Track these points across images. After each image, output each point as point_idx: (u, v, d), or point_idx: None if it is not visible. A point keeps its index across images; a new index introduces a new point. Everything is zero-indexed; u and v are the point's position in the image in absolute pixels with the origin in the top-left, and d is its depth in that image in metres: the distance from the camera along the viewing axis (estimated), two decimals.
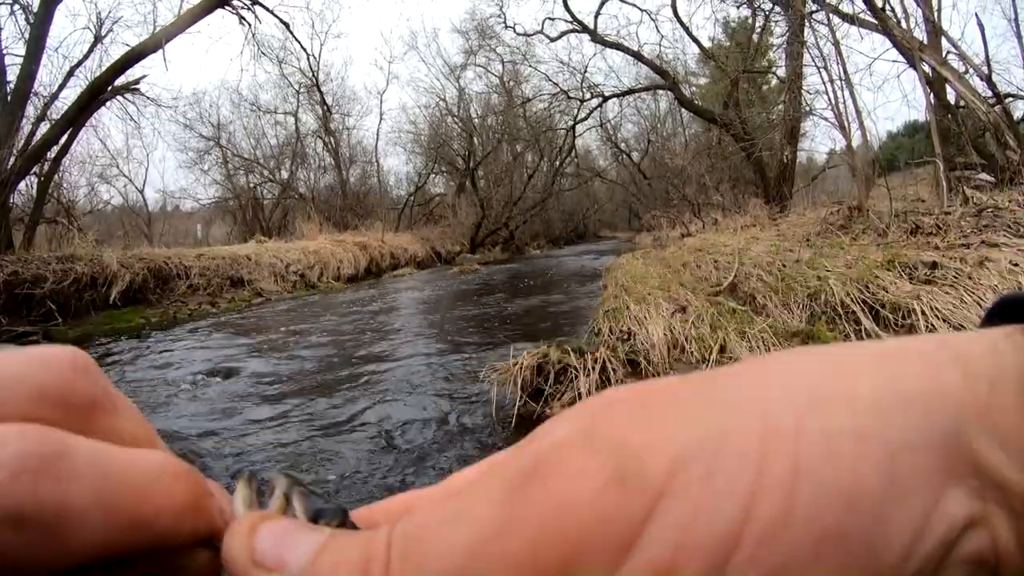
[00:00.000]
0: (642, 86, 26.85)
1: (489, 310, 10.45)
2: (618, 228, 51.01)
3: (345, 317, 10.64)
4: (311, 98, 29.43)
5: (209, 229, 30.16)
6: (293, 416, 4.86)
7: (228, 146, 29.00)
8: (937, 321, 3.94)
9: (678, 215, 21.66)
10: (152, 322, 11.57)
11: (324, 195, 30.01)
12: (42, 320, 10.59)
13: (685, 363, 4.93)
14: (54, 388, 0.31)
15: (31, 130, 14.12)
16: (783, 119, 18.41)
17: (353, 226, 25.49)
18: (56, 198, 16.70)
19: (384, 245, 22.46)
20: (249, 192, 29.22)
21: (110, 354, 8.30)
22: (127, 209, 26.51)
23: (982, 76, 10.07)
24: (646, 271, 9.94)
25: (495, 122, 32.40)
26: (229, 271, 15.39)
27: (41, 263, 11.36)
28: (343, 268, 19.28)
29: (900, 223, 7.61)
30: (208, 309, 13.20)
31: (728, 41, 25.21)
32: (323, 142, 30.67)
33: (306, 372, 6.47)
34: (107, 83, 14.44)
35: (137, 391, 6.02)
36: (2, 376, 0.30)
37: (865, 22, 11.32)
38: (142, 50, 14.52)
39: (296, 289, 16.59)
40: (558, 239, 40.68)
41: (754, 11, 20.51)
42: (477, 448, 4.02)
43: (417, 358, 6.78)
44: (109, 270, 12.23)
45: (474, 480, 0.32)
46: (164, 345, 8.82)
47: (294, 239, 21.32)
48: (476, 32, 30.00)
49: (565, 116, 28.41)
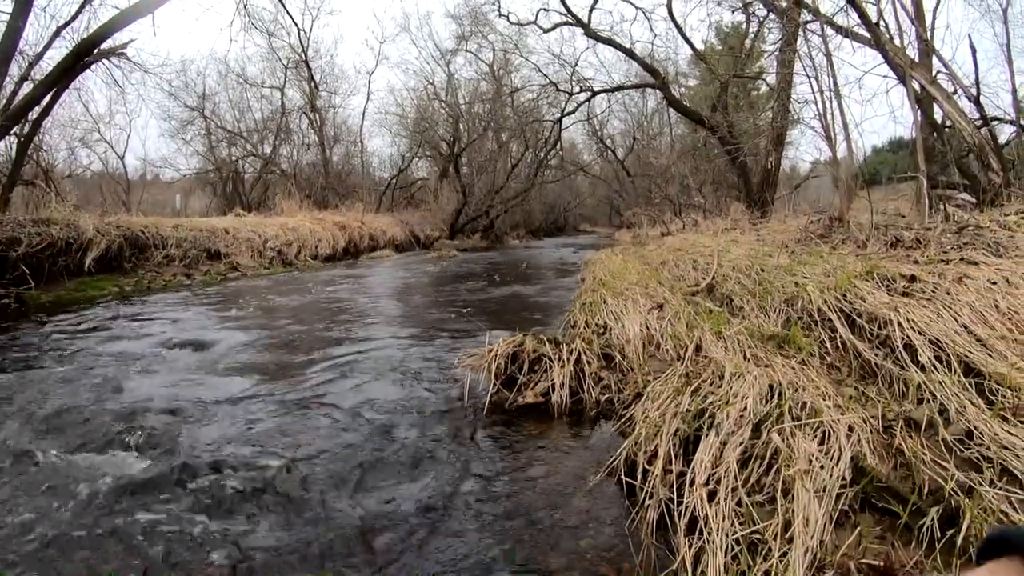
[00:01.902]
0: (632, 83, 26.94)
1: (465, 296, 10.44)
2: (598, 223, 51.30)
3: (321, 296, 10.58)
4: (299, 74, 29.23)
5: (188, 200, 29.89)
6: (262, 393, 4.81)
7: (212, 117, 28.66)
8: (913, 333, 3.96)
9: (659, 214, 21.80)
10: (126, 291, 11.45)
11: (306, 172, 29.81)
12: (15, 284, 10.42)
13: (660, 359, 4.95)
14: None
15: (13, 89, 13.89)
16: (770, 126, 18.49)
17: (333, 205, 25.41)
18: (35, 160, 16.44)
19: (363, 226, 22.39)
20: (231, 165, 28.93)
21: (82, 321, 8.20)
22: (106, 175, 26.12)
23: (970, 98, 10.16)
24: (625, 267, 9.97)
25: (482, 109, 32.33)
26: (206, 243, 15.26)
27: (16, 225, 11.17)
28: (321, 247, 19.21)
29: (880, 235, 7.67)
30: (183, 281, 13.08)
31: (721, 45, 25.31)
32: (308, 119, 30.45)
33: (278, 350, 6.43)
34: (93, 45, 14.17)
35: (103, 361, 5.95)
36: None
37: (858, 36, 11.37)
38: (131, 14, 14.29)
39: (273, 266, 16.48)
40: (538, 230, 40.80)
41: (749, 17, 20.57)
42: (448, 433, 4.00)
43: (390, 340, 6.75)
44: (85, 236, 12.07)
45: None
46: (136, 315, 8.73)
47: (273, 215, 21.20)
48: (469, 18, 29.87)
49: (553, 108, 28.45)
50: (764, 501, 2.64)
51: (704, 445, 3.04)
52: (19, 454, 3.66)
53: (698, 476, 2.83)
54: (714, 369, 4.07)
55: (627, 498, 3.10)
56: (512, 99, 29.83)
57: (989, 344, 3.80)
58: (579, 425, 4.19)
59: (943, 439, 2.94)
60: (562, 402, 4.37)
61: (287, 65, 28.92)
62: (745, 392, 3.49)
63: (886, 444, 3.02)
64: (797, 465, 2.69)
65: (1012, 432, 2.87)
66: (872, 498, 2.61)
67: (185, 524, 2.87)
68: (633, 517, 2.89)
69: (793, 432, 2.98)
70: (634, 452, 3.31)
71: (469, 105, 32.72)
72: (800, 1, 13.08)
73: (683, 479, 2.89)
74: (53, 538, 2.76)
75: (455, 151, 31.50)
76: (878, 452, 2.94)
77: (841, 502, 2.57)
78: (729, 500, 2.65)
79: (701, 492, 2.74)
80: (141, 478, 3.32)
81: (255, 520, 2.94)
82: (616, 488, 3.22)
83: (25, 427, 4.09)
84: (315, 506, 3.06)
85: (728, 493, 2.68)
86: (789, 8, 13.86)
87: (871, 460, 2.82)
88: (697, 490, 2.75)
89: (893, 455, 2.93)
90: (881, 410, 3.32)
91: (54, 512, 2.97)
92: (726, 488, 2.70)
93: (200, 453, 3.63)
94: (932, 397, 3.36)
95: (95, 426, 4.09)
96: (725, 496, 2.66)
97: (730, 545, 2.46)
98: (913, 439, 2.96)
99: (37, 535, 2.79)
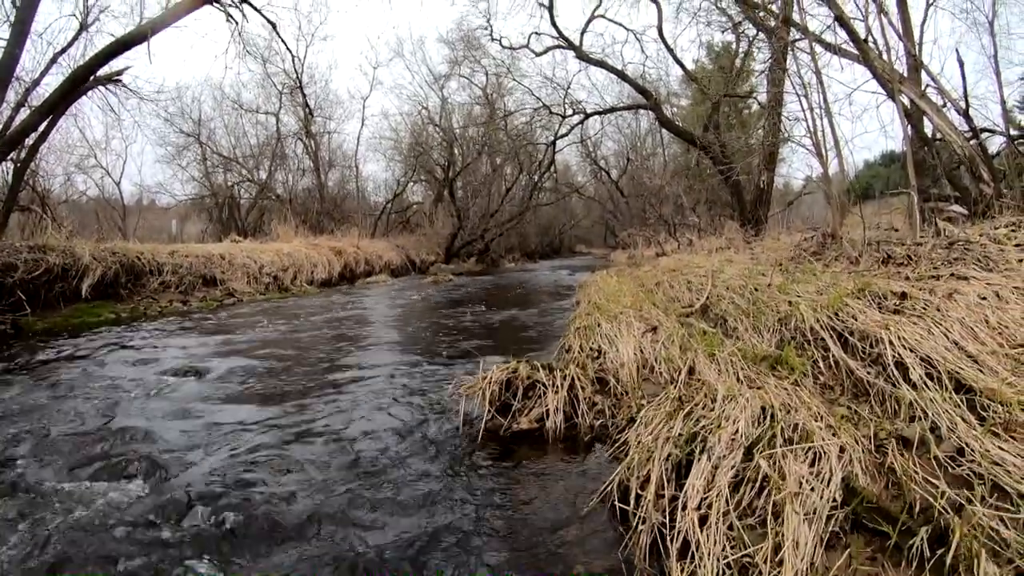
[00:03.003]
0: (624, 105, 27.11)
1: (461, 322, 10.45)
2: (594, 244, 51.36)
3: (316, 322, 10.58)
4: (294, 99, 29.29)
5: (184, 226, 29.90)
6: (257, 421, 4.82)
7: (208, 143, 28.73)
8: (904, 351, 3.98)
9: (654, 234, 21.85)
10: (122, 317, 11.44)
11: (301, 198, 29.87)
12: (11, 310, 10.40)
13: (654, 383, 4.96)
14: None
15: (10, 115, 13.95)
16: (762, 144, 18.58)
17: (329, 230, 25.41)
18: (31, 186, 16.49)
19: (359, 251, 22.39)
20: (226, 191, 28.96)
21: (78, 348, 8.19)
22: (102, 201, 26.17)
23: (960, 110, 10.21)
24: (619, 289, 9.98)
25: (476, 133, 32.45)
26: (202, 270, 15.25)
27: (12, 251, 11.15)
28: (317, 272, 19.19)
29: (872, 252, 7.69)
30: (179, 307, 13.07)
31: (711, 64, 25.48)
32: (303, 144, 30.52)
33: (273, 377, 6.43)
34: (90, 72, 14.26)
35: (100, 389, 5.95)
36: None
37: (847, 53, 11.45)
38: (127, 41, 14.38)
39: (269, 291, 16.47)
40: (533, 253, 40.85)
41: (738, 36, 20.73)
42: (443, 461, 4.01)
43: (386, 367, 6.75)
44: (81, 262, 12.05)
45: None
46: (132, 342, 8.72)
47: (269, 241, 21.19)
48: (462, 43, 30.02)
49: (546, 131, 28.57)
50: (755, 524, 2.65)
51: (696, 469, 3.05)
52: (13, 481, 3.66)
53: (690, 500, 2.84)
54: (707, 392, 4.08)
55: (620, 524, 3.11)
56: (506, 123, 29.96)
57: (980, 359, 3.82)
58: (573, 450, 4.19)
59: (935, 456, 2.95)
60: (556, 428, 4.38)
61: (282, 91, 29.05)
62: (737, 415, 3.50)
63: (878, 464, 3.03)
64: (788, 488, 2.71)
65: (1003, 447, 2.88)
66: (863, 519, 2.62)
67: (177, 553, 2.87)
68: (626, 543, 2.90)
69: (784, 455, 2.99)
70: (627, 477, 3.32)
71: (463, 129, 32.84)
72: (788, 20, 13.18)
73: (675, 503, 2.91)
74: (45, 565, 2.76)
75: (450, 175, 31.59)
76: (870, 472, 2.95)
77: (832, 524, 2.58)
78: (721, 524, 2.66)
79: (693, 516, 2.75)
80: (135, 506, 3.32)
81: (247, 549, 2.94)
82: (609, 513, 3.23)
83: (20, 454, 4.09)
84: (310, 537, 3.06)
85: (720, 517, 2.69)
86: (778, 27, 13.94)
87: (862, 480, 2.83)
88: (689, 514, 2.76)
89: (885, 474, 2.94)
90: (873, 429, 3.33)
91: (47, 540, 2.97)
92: (718, 512, 2.71)
93: (194, 481, 3.64)
94: (924, 414, 3.37)
95: (90, 453, 4.09)
96: (717, 520, 2.67)
97: (721, 569, 2.47)
98: (905, 457, 2.97)
99: (32, 561, 2.78)
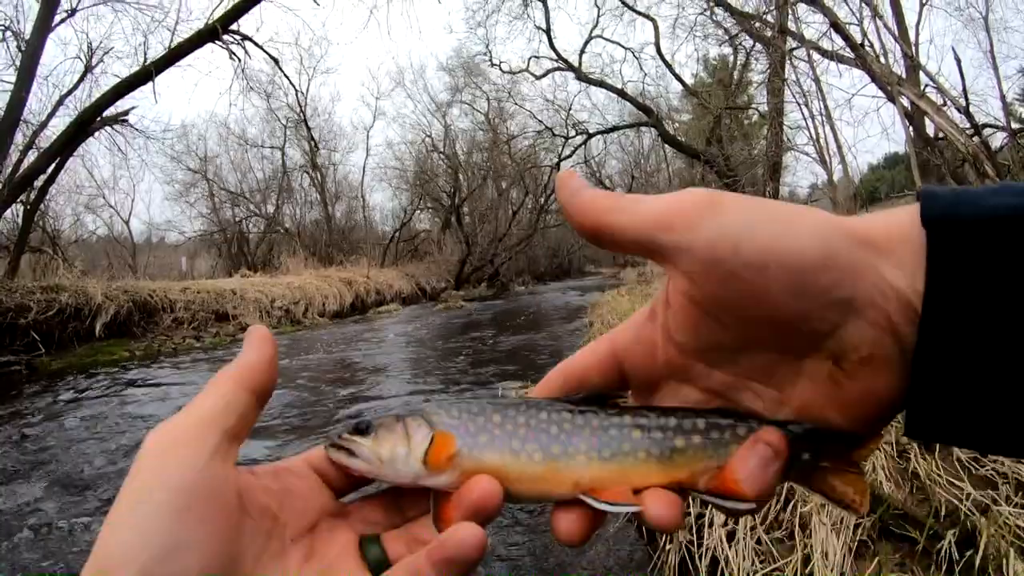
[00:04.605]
0: (626, 123, 27.25)
1: (475, 348, 10.44)
2: (603, 264, 51.17)
3: (330, 354, 10.60)
4: (298, 133, 29.55)
5: (194, 262, 30.04)
6: (277, 457, 4.82)
7: (214, 179, 29.08)
8: None
9: None
10: (136, 355, 11.48)
11: (310, 230, 30.04)
12: (25, 351, 10.47)
13: None
14: None
15: (19, 158, 14.12)
16: (765, 154, 18.58)
17: (338, 261, 25.46)
18: (41, 227, 16.63)
19: (369, 281, 22.43)
20: (235, 226, 29.19)
21: (92, 388, 8.22)
22: (112, 240, 26.39)
23: (960, 108, 10.21)
24: (631, 308, 9.98)
25: (480, 159, 32.60)
26: (214, 305, 15.32)
27: (25, 292, 11.26)
28: (328, 304, 19.22)
29: None
30: (192, 343, 13.12)
31: (710, 78, 25.55)
32: (309, 177, 30.78)
33: (288, 412, 6.43)
34: (96, 114, 14.45)
35: (116, 429, 5.97)
36: None
37: (844, 58, 11.50)
38: (132, 82, 14.57)
39: (281, 325, 16.52)
40: (543, 275, 40.76)
41: (735, 49, 20.81)
42: None
43: (401, 398, 6.76)
44: (93, 301, 12.14)
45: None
46: (147, 380, 8.76)
47: (279, 274, 21.27)
48: (462, 69, 30.29)
49: (550, 153, 28.65)
50: (783, 537, 2.64)
51: None
52: (30, 518, 3.68)
53: (716, 517, 2.84)
54: None
55: (648, 544, 3.10)
56: (509, 147, 30.08)
57: None
58: None
59: (958, 459, 2.94)
60: None
61: (286, 124, 29.35)
62: None
63: (901, 469, 3.02)
64: (813, 500, 2.70)
65: None
66: (890, 525, 2.61)
67: None
68: (655, 562, 2.90)
69: None
70: None
71: (467, 155, 33.01)
72: (784, 29, 13.24)
73: (702, 521, 2.90)
74: None
75: (456, 201, 31.72)
76: (894, 478, 2.94)
77: (859, 533, 2.58)
78: (748, 539, 2.65)
79: (721, 533, 2.74)
80: None
81: None
82: (636, 534, 3.23)
83: (36, 492, 4.11)
84: None
85: (747, 532, 2.68)
86: (774, 37, 14.00)
87: (887, 487, 2.83)
88: (716, 531, 2.76)
89: (909, 479, 2.93)
90: (895, 435, 3.33)
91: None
92: (745, 527, 2.71)
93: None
94: None
95: (105, 492, 4.11)
96: (744, 535, 2.67)
97: None
98: (928, 461, 2.96)
99: None
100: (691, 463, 0.62)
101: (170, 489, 0.49)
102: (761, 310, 0.54)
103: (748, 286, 0.52)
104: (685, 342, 0.61)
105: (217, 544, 0.50)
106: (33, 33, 13.64)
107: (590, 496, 0.61)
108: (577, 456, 0.63)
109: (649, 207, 0.56)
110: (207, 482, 0.51)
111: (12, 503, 4.06)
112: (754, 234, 0.52)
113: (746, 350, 0.58)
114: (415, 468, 0.64)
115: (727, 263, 0.52)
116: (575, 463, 0.63)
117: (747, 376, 0.61)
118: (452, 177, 32.18)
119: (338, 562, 0.60)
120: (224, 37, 15.95)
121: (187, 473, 0.50)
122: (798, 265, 0.51)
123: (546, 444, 0.64)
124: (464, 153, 33.20)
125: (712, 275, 0.53)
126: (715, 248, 0.52)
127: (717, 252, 0.52)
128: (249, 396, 0.60)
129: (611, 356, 0.67)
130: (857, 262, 0.51)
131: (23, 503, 4.04)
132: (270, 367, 0.64)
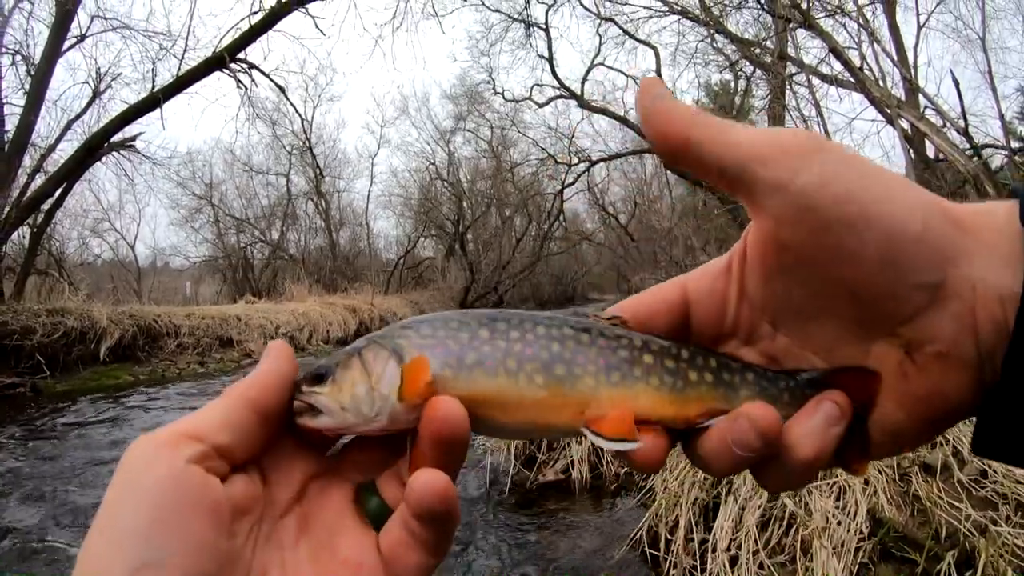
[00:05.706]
0: (628, 150, 27.43)
1: None
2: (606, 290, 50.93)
3: None
4: (303, 160, 29.78)
5: (198, 287, 30.06)
6: None
7: (220, 205, 29.27)
8: None
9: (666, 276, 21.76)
10: (140, 380, 11.49)
11: (314, 256, 30.13)
12: (30, 372, 10.49)
13: None
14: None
15: (27, 181, 14.23)
16: None
17: (343, 288, 25.49)
18: (48, 250, 16.71)
19: (373, 308, 22.42)
20: (239, 252, 29.33)
21: (97, 412, 8.23)
22: (117, 263, 26.51)
23: (959, 129, 10.25)
24: None
25: (484, 186, 32.74)
26: (218, 331, 15.36)
27: (31, 315, 11.32)
28: (332, 331, 19.22)
29: None
30: (197, 369, 13.14)
31: (712, 104, 25.67)
32: (314, 204, 30.94)
33: None
34: (104, 139, 14.59)
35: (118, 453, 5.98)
36: None
37: (844, 82, 11.58)
38: (140, 108, 14.72)
39: None
40: (547, 302, 40.64)
41: (736, 75, 20.95)
42: (472, 514, 4.04)
43: None
44: (99, 325, 12.19)
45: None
46: (151, 405, 8.77)
47: (283, 300, 21.32)
48: (466, 98, 30.55)
49: (553, 180, 28.79)
50: (785, 561, 2.67)
51: (723, 511, 3.06)
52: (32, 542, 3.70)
53: (719, 542, 2.86)
54: None
55: (652, 569, 3.12)
56: (513, 174, 30.21)
57: None
58: (600, 499, 4.21)
59: (958, 481, 2.96)
60: (582, 478, 4.41)
61: (291, 152, 29.59)
62: None
63: (903, 492, 3.04)
64: (814, 523, 2.73)
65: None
66: (890, 548, 2.64)
67: None
68: None
69: (810, 491, 3.02)
70: (656, 523, 3.33)
71: (471, 183, 33.14)
72: (784, 55, 13.34)
73: (705, 546, 2.92)
74: None
75: (460, 229, 31.84)
76: (895, 501, 2.96)
77: (860, 555, 2.60)
78: (751, 564, 2.68)
79: (723, 558, 2.77)
80: None
81: None
82: (640, 559, 3.24)
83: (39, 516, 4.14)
84: None
85: (749, 556, 2.71)
86: (774, 63, 14.09)
87: (888, 511, 2.85)
88: (719, 556, 2.78)
89: (911, 502, 2.95)
90: (896, 459, 3.35)
91: None
92: (747, 552, 2.73)
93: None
94: (945, 440, 3.38)
95: None
96: (747, 560, 2.69)
97: None
98: (929, 484, 2.98)
99: None
100: (704, 400, 0.57)
101: (142, 502, 0.48)
102: (845, 273, 0.51)
103: (838, 242, 0.50)
104: (757, 297, 0.59)
105: (198, 553, 0.48)
106: (42, 58, 13.84)
107: (590, 429, 0.55)
108: (585, 378, 0.57)
109: (746, 134, 0.53)
110: (182, 492, 0.49)
111: (11, 524, 4.08)
112: (856, 189, 0.49)
113: (817, 318, 0.56)
114: (390, 408, 0.56)
115: (822, 213, 0.50)
116: (582, 386, 0.56)
117: (810, 347, 0.58)
118: (456, 204, 32.39)
119: (335, 525, 0.57)
120: (231, 65, 16.14)
121: (162, 483, 0.49)
122: (898, 234, 0.49)
123: (548, 363, 0.57)
124: (468, 181, 33.43)
125: (803, 223, 0.51)
126: (813, 194, 0.50)
127: (815, 199, 0.50)
128: (251, 415, 0.56)
129: (682, 305, 0.64)
130: (952, 246, 0.49)
131: (23, 525, 4.06)
132: (282, 386, 0.58)
